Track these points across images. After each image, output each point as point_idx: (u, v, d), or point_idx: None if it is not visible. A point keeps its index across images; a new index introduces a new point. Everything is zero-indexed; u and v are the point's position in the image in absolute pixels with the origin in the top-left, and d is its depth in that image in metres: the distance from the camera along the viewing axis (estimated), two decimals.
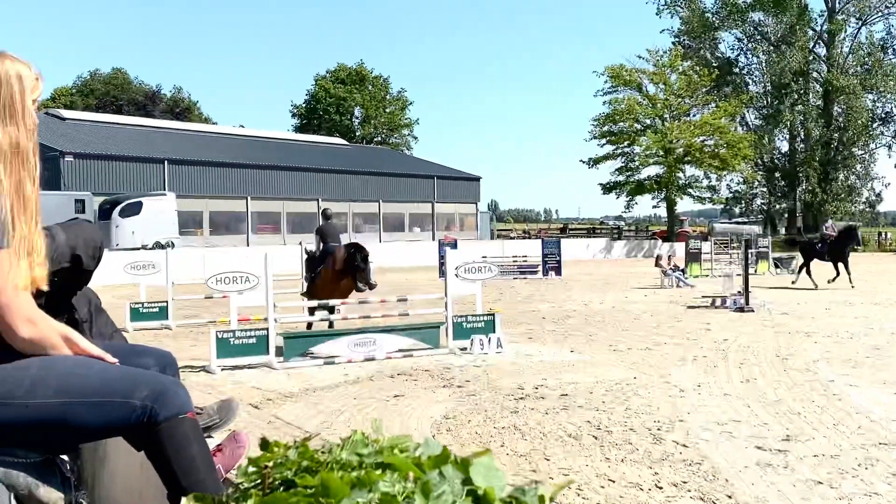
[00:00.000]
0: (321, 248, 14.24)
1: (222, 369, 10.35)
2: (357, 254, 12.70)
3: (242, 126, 72.61)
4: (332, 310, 12.82)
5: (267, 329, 10.71)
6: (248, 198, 48.80)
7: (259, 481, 1.26)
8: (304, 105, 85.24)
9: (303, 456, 1.27)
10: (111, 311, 2.92)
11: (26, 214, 2.16)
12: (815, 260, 24.03)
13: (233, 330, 10.69)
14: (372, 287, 12.95)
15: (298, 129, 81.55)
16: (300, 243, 21.54)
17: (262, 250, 17.62)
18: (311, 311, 12.68)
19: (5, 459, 2.10)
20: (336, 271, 12.88)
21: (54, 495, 2.15)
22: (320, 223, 15.21)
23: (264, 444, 1.34)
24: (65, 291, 2.46)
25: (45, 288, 2.23)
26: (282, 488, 1.21)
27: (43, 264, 2.22)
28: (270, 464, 1.28)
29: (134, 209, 38.13)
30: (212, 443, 2.61)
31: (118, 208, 37.83)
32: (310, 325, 13.01)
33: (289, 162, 52.41)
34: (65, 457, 2.32)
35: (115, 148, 45.03)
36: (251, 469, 1.30)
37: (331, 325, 12.73)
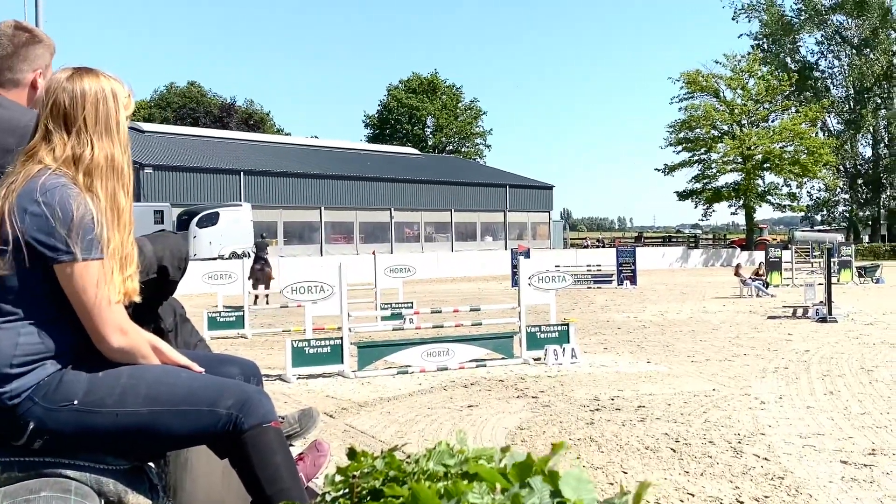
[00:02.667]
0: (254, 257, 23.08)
1: (297, 378, 10.50)
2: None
3: (316, 137, 73.63)
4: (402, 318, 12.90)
5: (341, 338, 10.84)
6: (322, 208, 49.42)
7: (346, 490, 1.29)
8: (376, 115, 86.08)
9: (389, 466, 1.29)
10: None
11: (120, 226, 2.24)
12: None
13: (308, 339, 10.84)
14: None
15: (371, 139, 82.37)
16: (373, 253, 21.73)
17: (336, 260, 17.82)
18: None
19: (96, 466, 2.16)
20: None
21: (142, 502, 2.21)
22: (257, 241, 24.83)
23: (352, 454, 1.36)
24: (151, 301, 2.53)
25: (137, 299, 2.30)
26: (369, 498, 1.24)
27: (136, 276, 2.29)
28: (358, 473, 1.30)
29: (211, 220, 38.92)
30: (293, 451, 2.66)
31: (196, 219, 38.66)
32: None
33: (361, 172, 52.94)
34: (152, 464, 2.38)
35: (191, 159, 46.11)
36: (338, 478, 1.32)
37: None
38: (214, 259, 33.84)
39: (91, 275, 2.13)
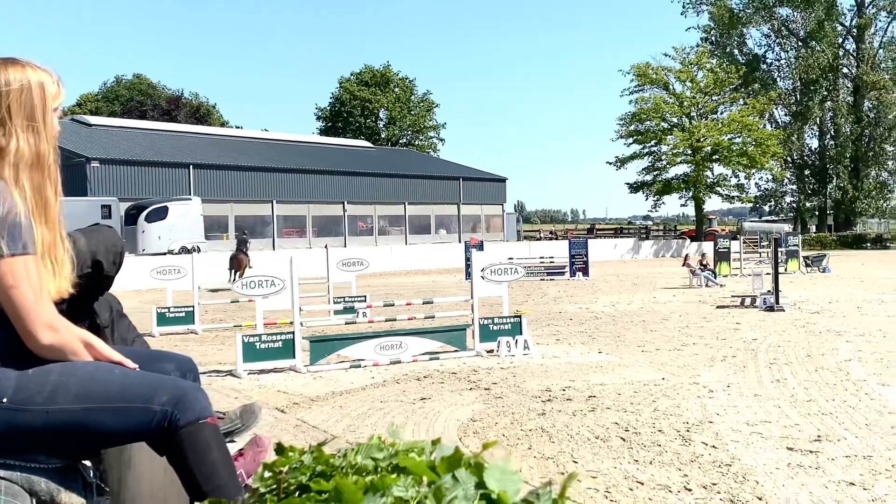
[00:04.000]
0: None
1: (248, 373, 10.40)
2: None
3: (266, 130, 73.03)
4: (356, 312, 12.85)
5: (293, 333, 10.76)
6: (274, 201, 49.04)
7: (274, 486, 1.26)
8: (328, 108, 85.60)
9: (318, 461, 1.26)
10: (138, 316, 2.94)
11: (48, 221, 2.18)
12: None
13: (259, 334, 10.74)
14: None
15: (323, 132, 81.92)
16: (326, 246, 21.61)
17: (288, 254, 17.69)
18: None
19: (27, 465, 2.11)
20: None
21: (76, 501, 2.16)
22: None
23: (279, 449, 1.34)
24: (86, 297, 2.47)
25: (66, 295, 2.24)
26: (297, 493, 1.21)
27: (65, 271, 2.23)
28: (285, 468, 1.27)
29: (160, 214, 38.44)
30: (234, 448, 2.61)
31: (144, 213, 38.15)
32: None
33: (313, 165, 52.60)
34: (87, 462, 2.33)
35: (140, 153, 45.43)
36: (267, 474, 1.30)
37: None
38: (164, 254, 33.42)
39: (18, 271, 2.07)
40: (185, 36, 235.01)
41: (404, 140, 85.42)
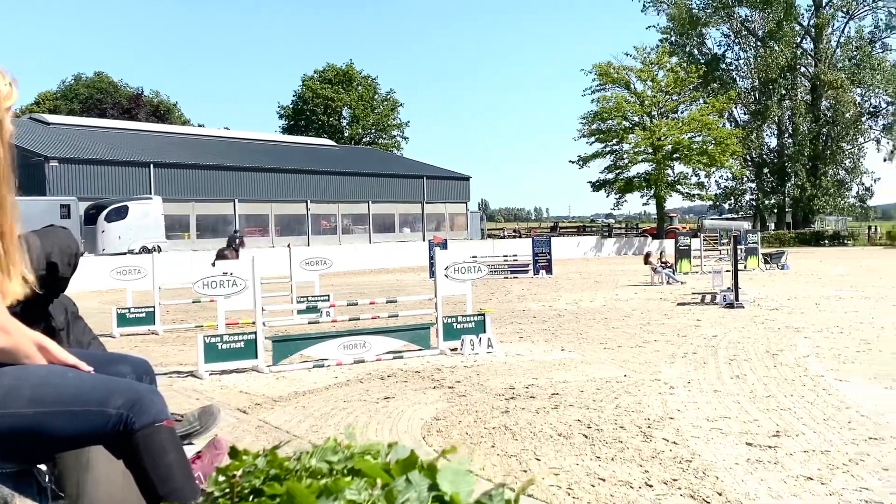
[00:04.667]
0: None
1: (210, 374, 10.30)
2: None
3: (228, 128, 72.45)
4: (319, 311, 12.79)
5: (255, 333, 10.68)
6: (236, 200, 48.67)
7: (228, 490, 1.25)
8: (291, 106, 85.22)
9: (272, 464, 1.25)
10: (98, 316, 2.90)
11: (2, 223, 2.13)
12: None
13: (220, 334, 10.65)
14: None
15: (285, 131, 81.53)
16: (288, 245, 21.47)
17: (250, 253, 17.57)
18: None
19: None
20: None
21: None
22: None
23: (233, 453, 1.32)
24: (41, 299, 2.43)
25: (20, 297, 2.20)
26: (250, 497, 1.20)
27: (19, 274, 2.19)
28: (239, 472, 1.26)
29: (120, 213, 38.00)
30: (193, 450, 2.59)
31: (104, 213, 37.68)
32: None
33: (276, 163, 52.29)
34: (43, 466, 2.29)
35: (99, 152, 44.86)
36: (220, 478, 1.28)
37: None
38: (124, 254, 33.04)
39: None
40: (146, 33, 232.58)
41: (368, 139, 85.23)
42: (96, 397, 2.11)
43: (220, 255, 28.08)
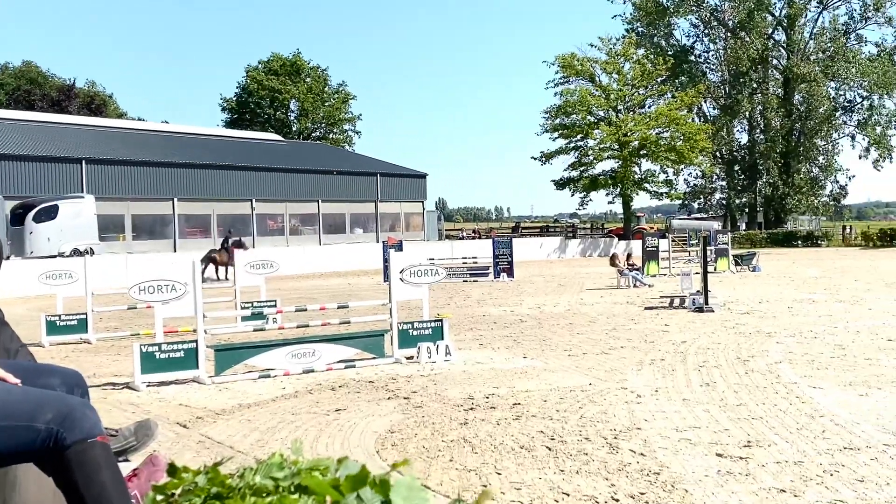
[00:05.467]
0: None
1: (147, 386, 10.19)
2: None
3: (167, 122, 71.67)
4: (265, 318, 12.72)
5: (196, 341, 10.58)
6: (175, 199, 48.13)
7: None
8: (234, 98, 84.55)
9: (213, 482, 1.24)
10: (26, 324, 2.85)
11: None
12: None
13: (158, 343, 10.53)
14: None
15: (229, 125, 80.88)
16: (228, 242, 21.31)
17: (191, 256, 17.41)
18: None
19: None
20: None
21: None
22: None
23: (172, 470, 1.31)
24: None
25: None
26: None
27: None
28: (178, 490, 1.25)
29: (49, 213, 37.37)
30: (128, 467, 2.56)
31: (32, 213, 37.03)
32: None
33: (218, 160, 51.83)
34: None
35: (27, 147, 44.09)
36: (158, 497, 1.27)
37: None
38: (54, 257, 32.52)
39: None
40: (79, 20, 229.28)
41: (317, 133, 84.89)
42: (24, 411, 2.08)
43: (208, 258, 28.60)
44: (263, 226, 52.95)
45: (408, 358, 11.61)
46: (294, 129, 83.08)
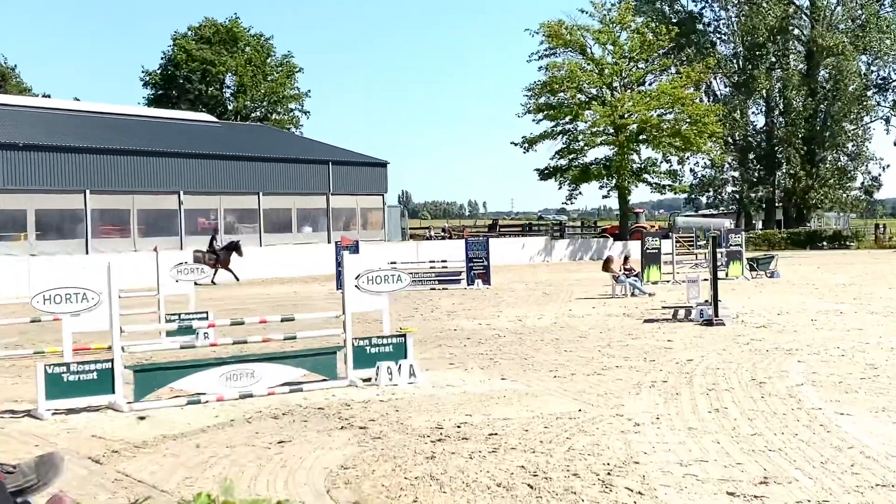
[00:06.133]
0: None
1: (53, 413, 10.10)
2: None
3: (78, 99, 71.12)
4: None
5: (111, 361, 10.50)
6: (87, 191, 47.75)
7: None
8: (158, 72, 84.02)
9: None
10: None
11: None
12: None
13: (67, 363, 10.45)
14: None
15: (151, 103, 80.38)
16: (155, 248, 21.17)
17: (106, 258, 17.29)
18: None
19: None
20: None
21: None
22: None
23: None
24: None
25: None
26: None
27: None
28: None
29: None
30: None
31: None
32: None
33: (139, 144, 51.49)
34: None
35: None
36: None
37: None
38: None
39: None
40: None
41: (258, 113, 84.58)
42: None
43: (195, 260, 29.07)
44: (193, 223, 52.61)
45: (365, 380, 11.59)
46: (230, 107, 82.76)
